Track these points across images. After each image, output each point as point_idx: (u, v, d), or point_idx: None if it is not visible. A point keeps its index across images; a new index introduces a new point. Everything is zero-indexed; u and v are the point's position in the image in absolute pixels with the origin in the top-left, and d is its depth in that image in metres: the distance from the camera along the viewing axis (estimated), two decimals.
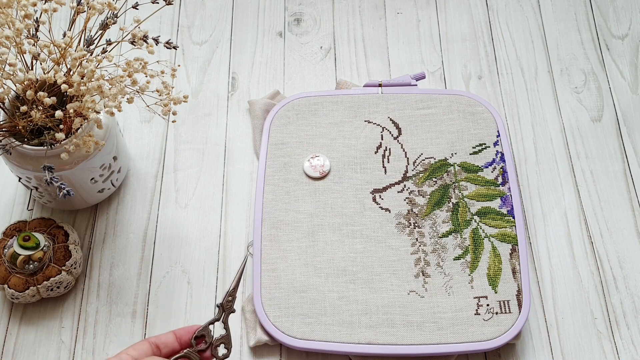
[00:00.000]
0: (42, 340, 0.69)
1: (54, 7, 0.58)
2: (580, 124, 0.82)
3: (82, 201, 0.74)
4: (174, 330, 0.59)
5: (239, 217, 0.76)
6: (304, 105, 0.79)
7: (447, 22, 0.89)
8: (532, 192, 0.77)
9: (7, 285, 0.67)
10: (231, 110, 0.83)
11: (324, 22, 0.90)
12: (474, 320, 0.67)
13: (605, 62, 0.86)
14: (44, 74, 0.59)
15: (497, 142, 0.76)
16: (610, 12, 0.90)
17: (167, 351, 0.58)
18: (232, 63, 0.86)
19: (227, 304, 0.61)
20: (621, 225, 0.76)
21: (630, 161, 0.79)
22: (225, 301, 0.61)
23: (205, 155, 0.79)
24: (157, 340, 0.58)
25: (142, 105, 0.65)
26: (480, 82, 0.85)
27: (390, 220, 0.72)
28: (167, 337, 0.58)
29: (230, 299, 0.61)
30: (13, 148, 0.64)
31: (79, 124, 0.60)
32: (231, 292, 0.61)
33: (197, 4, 0.90)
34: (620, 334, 0.70)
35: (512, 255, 0.70)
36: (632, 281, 0.72)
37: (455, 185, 0.74)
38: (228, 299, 0.61)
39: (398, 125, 0.78)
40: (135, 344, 0.57)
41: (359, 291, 0.69)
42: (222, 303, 0.60)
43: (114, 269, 0.73)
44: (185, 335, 0.59)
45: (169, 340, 0.58)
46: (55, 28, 0.66)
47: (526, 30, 0.89)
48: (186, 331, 0.59)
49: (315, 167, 0.75)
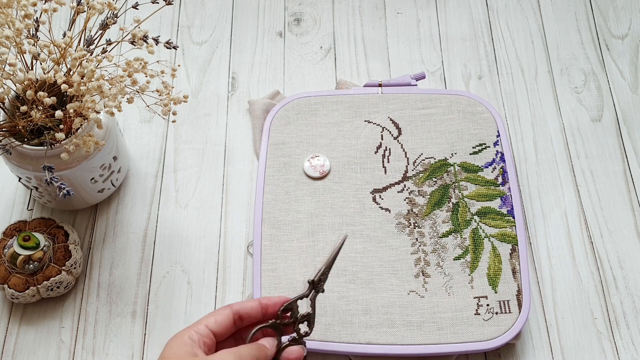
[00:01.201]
0: (42, 340, 0.69)
1: (54, 7, 0.58)
2: (580, 124, 0.82)
3: (82, 201, 0.74)
4: (259, 299, 0.55)
5: (239, 217, 0.76)
6: (304, 105, 0.79)
7: (447, 22, 0.89)
8: (532, 192, 0.77)
9: (7, 285, 0.67)
10: (231, 110, 0.83)
11: (324, 22, 0.90)
12: (474, 320, 0.67)
13: (605, 62, 0.86)
14: (44, 74, 0.59)
15: (497, 142, 0.76)
16: (610, 12, 0.90)
17: (250, 321, 0.54)
18: (232, 63, 0.86)
19: (319, 283, 0.56)
20: (621, 225, 0.76)
21: (630, 161, 0.79)
22: (317, 279, 0.56)
23: (205, 155, 0.79)
24: (240, 309, 0.54)
25: (142, 105, 0.65)
26: (480, 82, 0.85)
27: (390, 220, 0.72)
28: (252, 305, 0.54)
29: (322, 277, 0.56)
30: (13, 148, 0.64)
31: (79, 124, 0.60)
32: (324, 271, 0.56)
33: (197, 4, 0.90)
34: (620, 334, 0.70)
35: (512, 255, 0.70)
36: (632, 281, 0.72)
37: (455, 185, 0.74)
38: (320, 277, 0.56)
39: (398, 125, 0.78)
40: (216, 312, 0.53)
41: (359, 291, 0.69)
42: (314, 280, 0.56)
43: (114, 269, 0.73)
44: (272, 306, 0.55)
45: (254, 310, 0.54)
46: (55, 28, 0.66)
47: (526, 30, 0.89)
48: (273, 302, 0.55)
49: (315, 167, 0.75)
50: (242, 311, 0.54)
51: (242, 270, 0.73)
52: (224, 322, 0.52)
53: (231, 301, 0.71)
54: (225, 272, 0.73)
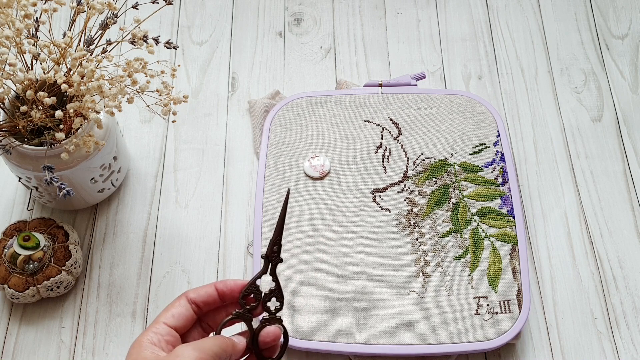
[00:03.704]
0: (42, 340, 0.69)
1: (54, 7, 0.58)
2: (580, 124, 0.82)
3: (82, 201, 0.74)
4: (214, 284, 0.52)
5: (239, 217, 0.76)
6: (304, 105, 0.79)
7: (447, 22, 0.89)
8: (532, 192, 0.77)
9: (7, 285, 0.67)
10: (231, 110, 0.83)
11: (324, 22, 0.90)
12: (474, 320, 0.67)
13: (605, 62, 0.86)
14: (44, 74, 0.59)
15: (497, 142, 0.76)
16: (610, 12, 0.90)
17: (209, 307, 0.52)
18: (232, 63, 0.86)
19: (273, 255, 0.53)
20: (621, 225, 0.76)
21: (630, 161, 0.79)
22: (269, 252, 0.53)
23: (205, 155, 0.79)
24: (196, 298, 0.50)
25: (142, 105, 0.65)
26: (480, 82, 0.85)
27: (390, 220, 0.72)
28: (207, 291, 0.51)
29: (275, 248, 0.53)
30: (13, 148, 0.64)
31: (79, 124, 0.60)
32: (275, 241, 0.53)
33: (197, 4, 0.90)
34: (620, 334, 0.70)
35: (512, 255, 0.70)
36: (632, 281, 0.72)
37: (455, 185, 0.74)
38: (273, 248, 0.53)
39: (398, 125, 0.78)
40: (172, 305, 0.50)
41: (359, 291, 0.69)
42: (267, 254, 0.53)
43: (114, 269, 0.73)
44: (229, 292, 0.52)
45: (211, 297, 0.51)
46: (55, 28, 0.66)
47: (526, 30, 0.89)
48: (230, 288, 0.52)
49: (315, 167, 0.75)
50: (199, 299, 0.51)
51: (242, 270, 0.73)
52: (182, 314, 0.49)
53: None
54: (225, 272, 0.72)
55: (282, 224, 0.53)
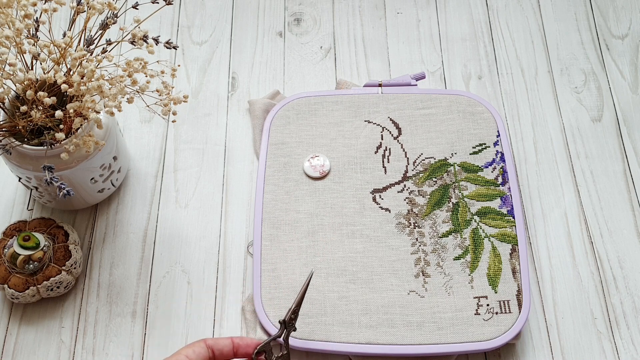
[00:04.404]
0: (42, 340, 0.69)
1: (54, 7, 0.58)
2: (580, 124, 0.82)
3: (82, 201, 0.74)
4: (232, 338, 0.58)
5: (239, 217, 0.76)
6: (304, 105, 0.79)
7: (447, 22, 0.89)
8: (532, 192, 0.77)
9: (7, 285, 0.67)
10: (231, 110, 0.83)
11: (324, 22, 0.90)
12: (474, 320, 0.67)
13: (605, 62, 0.86)
14: (44, 74, 0.59)
15: (497, 142, 0.76)
16: (610, 12, 0.90)
17: (222, 358, 0.57)
18: (232, 63, 0.86)
19: (290, 322, 0.60)
20: (621, 225, 0.76)
21: (630, 161, 0.79)
22: (288, 318, 0.60)
23: (205, 155, 0.79)
24: (214, 345, 0.57)
25: (142, 105, 0.65)
26: (480, 82, 0.85)
27: (390, 220, 0.72)
28: (224, 343, 0.58)
29: (293, 316, 0.61)
30: (13, 148, 0.64)
31: (79, 124, 0.60)
32: (294, 310, 0.61)
33: (197, 4, 0.90)
34: (620, 334, 0.70)
35: (512, 255, 0.70)
36: (632, 281, 0.72)
37: (455, 185, 0.74)
38: (291, 316, 0.60)
39: (398, 125, 0.78)
40: (193, 344, 0.56)
41: (359, 291, 0.69)
42: (284, 320, 0.60)
43: (114, 269, 0.73)
44: (245, 347, 0.58)
45: (226, 348, 0.57)
46: (55, 28, 0.66)
47: (526, 30, 0.89)
48: (246, 343, 0.58)
49: (315, 167, 0.75)
50: (215, 347, 0.57)
51: (242, 270, 0.73)
52: (201, 354, 0.55)
53: (231, 301, 0.71)
54: (225, 272, 0.72)
55: (302, 297, 0.61)
